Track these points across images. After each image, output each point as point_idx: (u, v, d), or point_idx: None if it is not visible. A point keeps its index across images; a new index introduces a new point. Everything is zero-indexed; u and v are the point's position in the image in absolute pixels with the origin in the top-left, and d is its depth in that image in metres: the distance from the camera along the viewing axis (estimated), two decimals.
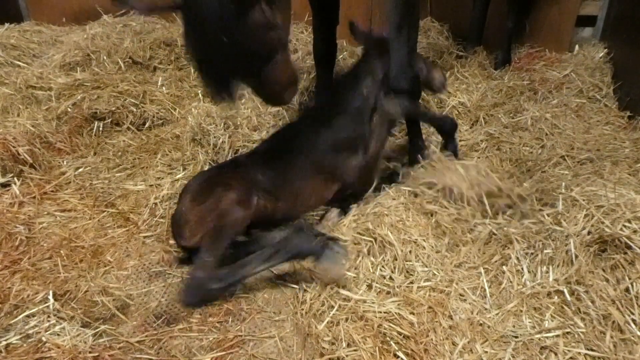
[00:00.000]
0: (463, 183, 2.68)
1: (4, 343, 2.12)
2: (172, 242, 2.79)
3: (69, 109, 3.76)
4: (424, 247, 2.60)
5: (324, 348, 2.18)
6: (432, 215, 2.73)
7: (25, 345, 2.12)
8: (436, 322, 2.23)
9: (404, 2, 2.78)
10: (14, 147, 3.27)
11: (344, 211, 2.96)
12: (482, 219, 2.63)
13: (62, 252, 2.69)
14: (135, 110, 3.85)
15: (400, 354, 2.11)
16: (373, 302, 2.31)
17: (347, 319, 2.26)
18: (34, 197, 3.07)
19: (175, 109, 3.99)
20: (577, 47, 4.67)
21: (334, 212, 2.97)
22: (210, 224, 2.52)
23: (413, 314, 2.25)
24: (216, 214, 2.52)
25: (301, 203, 2.84)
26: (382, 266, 2.53)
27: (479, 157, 3.39)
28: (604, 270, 2.25)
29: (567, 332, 2.12)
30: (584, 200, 2.49)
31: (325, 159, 2.89)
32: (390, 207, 2.83)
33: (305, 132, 2.96)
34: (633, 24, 4.00)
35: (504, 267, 2.45)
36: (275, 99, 2.64)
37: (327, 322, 2.26)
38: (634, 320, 2.07)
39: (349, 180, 2.93)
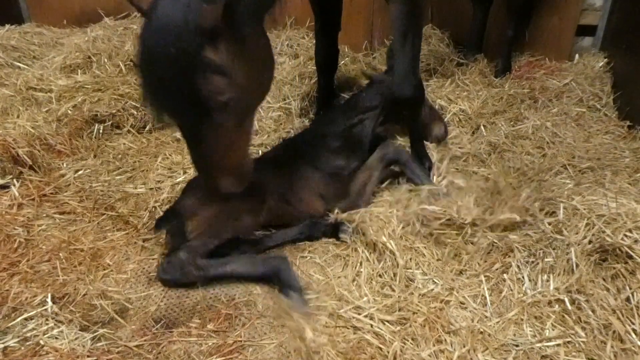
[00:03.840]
0: (469, 214, 2.64)
1: (2, 346, 2.10)
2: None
3: (69, 111, 3.74)
4: (424, 255, 2.59)
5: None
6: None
7: (23, 348, 2.10)
8: (437, 329, 2.22)
9: (409, 11, 2.80)
10: (13, 148, 3.25)
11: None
12: (484, 232, 2.62)
13: (61, 254, 2.67)
14: (135, 113, 3.84)
15: None
16: (372, 309, 2.30)
17: (345, 326, 2.25)
18: (33, 199, 3.04)
19: None
20: (577, 56, 4.69)
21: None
22: (217, 224, 2.58)
23: (414, 321, 2.24)
24: (226, 217, 2.58)
25: (295, 212, 2.90)
26: (382, 273, 2.53)
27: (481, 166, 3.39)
28: (604, 280, 2.25)
29: (568, 342, 2.12)
30: (584, 209, 2.50)
31: (315, 176, 2.95)
32: (389, 215, 2.82)
33: (306, 149, 3.05)
34: (633, 34, 4.02)
35: (504, 275, 2.46)
36: (209, 178, 2.14)
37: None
38: (634, 330, 2.07)
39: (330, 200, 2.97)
